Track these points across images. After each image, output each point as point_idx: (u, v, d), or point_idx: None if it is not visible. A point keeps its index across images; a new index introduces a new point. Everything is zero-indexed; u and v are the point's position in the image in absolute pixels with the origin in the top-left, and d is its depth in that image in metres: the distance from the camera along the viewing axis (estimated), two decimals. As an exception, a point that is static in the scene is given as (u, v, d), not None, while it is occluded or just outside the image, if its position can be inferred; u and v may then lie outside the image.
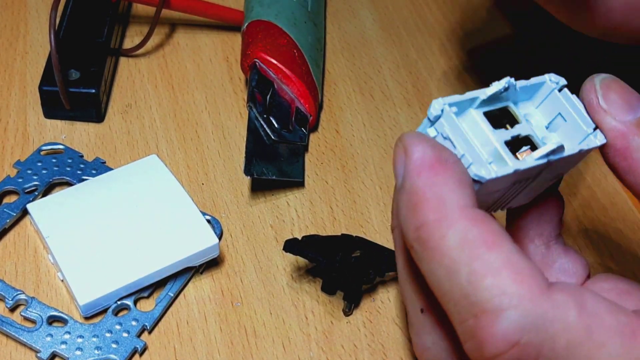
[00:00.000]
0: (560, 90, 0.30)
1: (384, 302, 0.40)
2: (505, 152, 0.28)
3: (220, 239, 0.42)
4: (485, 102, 0.29)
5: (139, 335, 0.38)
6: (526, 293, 0.25)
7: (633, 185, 0.30)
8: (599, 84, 0.30)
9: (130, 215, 0.41)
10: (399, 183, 0.28)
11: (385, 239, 0.43)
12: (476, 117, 0.29)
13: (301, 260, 0.42)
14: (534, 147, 0.29)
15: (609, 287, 0.31)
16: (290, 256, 0.42)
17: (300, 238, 0.39)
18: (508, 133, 0.29)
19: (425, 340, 0.31)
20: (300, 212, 0.44)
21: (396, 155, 0.28)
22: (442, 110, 0.28)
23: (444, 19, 0.57)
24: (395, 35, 0.55)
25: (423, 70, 0.53)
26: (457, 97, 0.29)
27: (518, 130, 0.29)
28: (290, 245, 0.39)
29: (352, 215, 0.44)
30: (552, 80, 0.30)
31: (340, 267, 0.38)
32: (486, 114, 0.29)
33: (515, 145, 0.29)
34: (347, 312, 0.40)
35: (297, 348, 0.39)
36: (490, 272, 0.25)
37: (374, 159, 0.47)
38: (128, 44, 0.53)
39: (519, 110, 0.30)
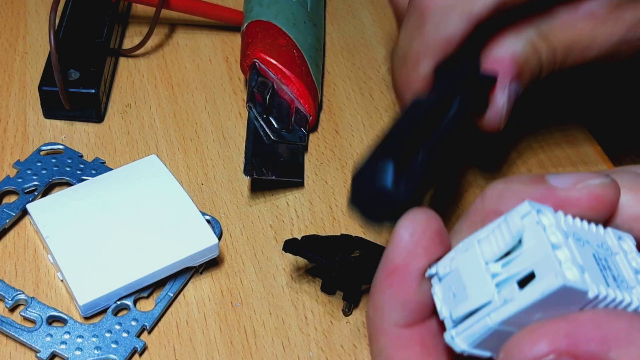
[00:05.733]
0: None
1: (384, 302, 0.40)
2: None
3: (219, 239, 0.42)
4: None
5: (138, 335, 0.38)
6: None
7: None
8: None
9: (129, 215, 0.41)
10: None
11: (384, 239, 0.43)
12: None
13: (301, 261, 0.42)
14: None
15: None
16: (289, 256, 0.42)
17: (299, 238, 0.39)
18: None
19: None
20: (299, 212, 0.44)
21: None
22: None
23: (444, 19, 0.57)
24: (394, 35, 0.55)
25: (422, 71, 0.53)
26: None
27: None
28: (290, 246, 0.39)
29: (352, 215, 0.44)
30: None
31: (340, 267, 0.38)
32: None
33: None
34: (347, 312, 0.40)
35: (296, 348, 0.39)
36: None
37: (374, 159, 0.47)
38: (128, 44, 0.53)
39: None
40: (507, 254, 0.25)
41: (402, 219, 0.26)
